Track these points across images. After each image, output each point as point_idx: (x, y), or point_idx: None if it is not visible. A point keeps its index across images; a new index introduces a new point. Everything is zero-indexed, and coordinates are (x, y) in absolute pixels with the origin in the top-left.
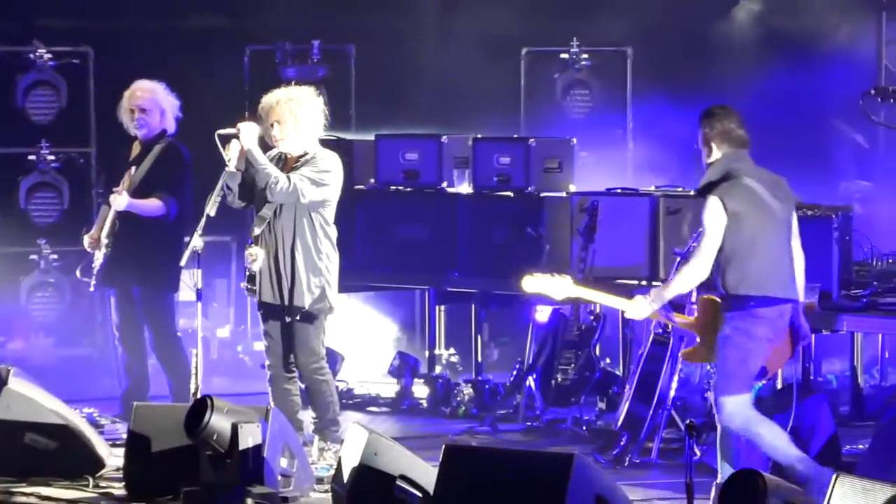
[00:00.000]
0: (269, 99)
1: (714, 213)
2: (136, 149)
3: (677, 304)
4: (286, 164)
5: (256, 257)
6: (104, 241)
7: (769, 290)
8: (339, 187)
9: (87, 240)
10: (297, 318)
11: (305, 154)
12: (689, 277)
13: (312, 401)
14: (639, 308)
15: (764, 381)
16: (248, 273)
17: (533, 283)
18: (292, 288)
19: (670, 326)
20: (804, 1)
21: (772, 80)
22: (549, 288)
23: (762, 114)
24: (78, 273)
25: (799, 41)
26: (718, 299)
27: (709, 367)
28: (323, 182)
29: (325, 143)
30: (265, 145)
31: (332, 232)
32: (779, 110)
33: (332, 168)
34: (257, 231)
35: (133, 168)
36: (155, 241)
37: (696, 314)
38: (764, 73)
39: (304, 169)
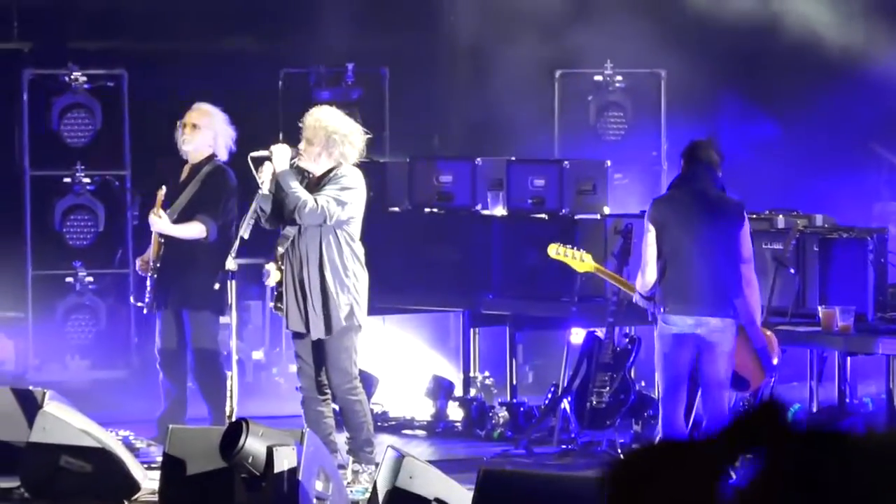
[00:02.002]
0: (313, 119)
1: (645, 219)
2: (185, 172)
3: None
4: (309, 183)
5: (269, 273)
6: (152, 264)
7: (673, 304)
8: (363, 203)
9: (139, 263)
10: (326, 337)
11: (328, 172)
12: (637, 279)
13: (346, 421)
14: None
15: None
16: (276, 292)
17: (557, 250)
18: (324, 306)
19: None
20: (843, 23)
21: (808, 101)
22: (571, 259)
23: (798, 135)
24: (132, 299)
25: (836, 62)
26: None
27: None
28: (346, 200)
29: (358, 164)
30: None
31: (359, 249)
32: (815, 131)
33: (354, 185)
34: (281, 250)
35: (163, 187)
36: (199, 264)
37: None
38: (800, 95)
39: (328, 188)
